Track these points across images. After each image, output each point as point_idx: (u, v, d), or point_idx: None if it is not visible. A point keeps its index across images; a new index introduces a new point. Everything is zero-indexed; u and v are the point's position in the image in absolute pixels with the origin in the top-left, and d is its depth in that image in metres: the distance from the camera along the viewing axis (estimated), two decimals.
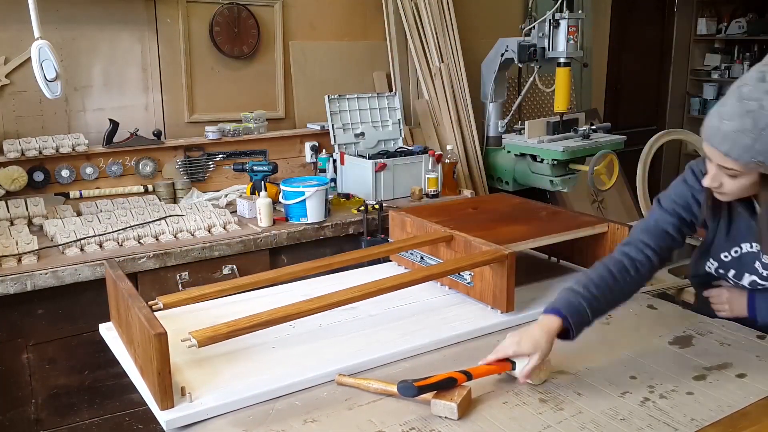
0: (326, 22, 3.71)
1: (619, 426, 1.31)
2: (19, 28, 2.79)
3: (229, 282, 1.77)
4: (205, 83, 3.39)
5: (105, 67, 3.14)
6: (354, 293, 1.61)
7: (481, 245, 1.82)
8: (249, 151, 3.39)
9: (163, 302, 1.65)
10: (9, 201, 2.76)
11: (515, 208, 2.31)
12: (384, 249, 2.03)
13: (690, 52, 6.27)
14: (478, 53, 3.92)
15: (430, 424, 1.32)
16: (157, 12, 3.20)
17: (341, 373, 1.49)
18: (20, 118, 2.97)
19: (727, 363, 1.56)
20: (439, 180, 3.28)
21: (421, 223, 2.06)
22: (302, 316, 1.54)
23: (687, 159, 6.33)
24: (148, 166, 3.13)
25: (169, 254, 2.50)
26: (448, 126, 3.70)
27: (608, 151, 3.40)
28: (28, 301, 2.32)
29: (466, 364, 1.56)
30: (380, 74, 3.85)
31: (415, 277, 1.74)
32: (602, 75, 5.23)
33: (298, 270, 1.85)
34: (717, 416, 1.34)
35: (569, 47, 3.42)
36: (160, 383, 1.34)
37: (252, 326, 1.46)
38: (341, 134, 3.39)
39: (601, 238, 2.06)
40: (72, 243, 2.45)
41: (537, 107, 4.48)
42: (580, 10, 4.05)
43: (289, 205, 2.83)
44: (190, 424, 1.35)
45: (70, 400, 2.45)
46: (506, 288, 1.76)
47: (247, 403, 1.40)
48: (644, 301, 1.93)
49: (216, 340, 1.42)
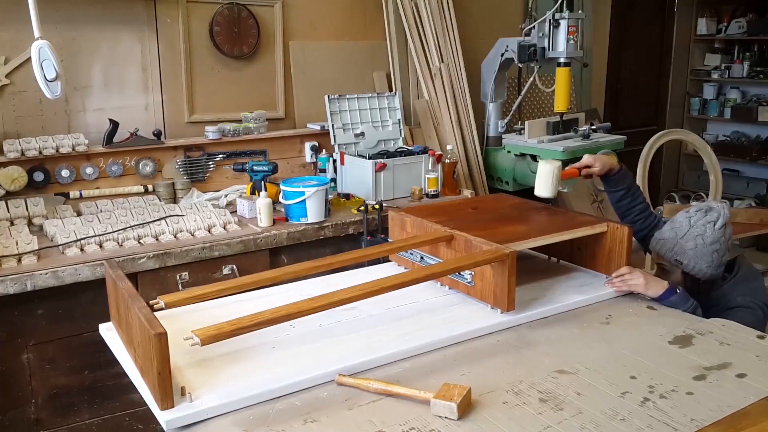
0: (326, 22, 3.71)
1: (619, 426, 1.31)
2: (19, 28, 2.79)
3: (230, 281, 1.78)
4: (205, 83, 3.39)
5: (105, 67, 3.14)
6: (355, 292, 1.61)
7: (482, 245, 1.82)
8: (249, 151, 3.38)
9: (165, 301, 1.65)
10: (9, 201, 2.76)
11: (515, 208, 2.31)
12: (384, 249, 2.02)
13: (690, 52, 6.27)
14: (478, 53, 3.92)
15: (430, 424, 1.32)
16: (157, 12, 3.20)
17: (341, 373, 1.49)
18: (20, 118, 2.97)
19: (727, 363, 1.56)
20: (439, 180, 3.28)
21: (421, 223, 2.06)
22: (304, 315, 1.54)
23: (687, 159, 6.34)
24: (148, 166, 3.13)
25: (169, 254, 2.50)
26: (448, 126, 3.70)
27: (608, 151, 3.40)
28: (28, 301, 2.32)
29: (467, 364, 1.57)
30: (380, 74, 3.85)
31: (416, 276, 1.74)
32: (602, 75, 5.23)
33: (298, 270, 1.85)
34: (717, 416, 1.34)
35: (569, 47, 3.42)
36: (160, 383, 1.34)
37: (255, 324, 1.46)
38: (341, 134, 3.39)
39: (601, 238, 2.06)
40: (72, 243, 2.45)
41: (537, 107, 4.48)
42: (580, 10, 4.05)
43: (289, 205, 2.83)
44: (190, 424, 1.35)
45: (70, 400, 2.45)
46: (507, 287, 1.76)
47: (247, 403, 1.40)
48: (643, 302, 1.94)
49: (219, 339, 1.42)
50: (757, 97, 6.19)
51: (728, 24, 6.13)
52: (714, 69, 6.24)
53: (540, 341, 1.70)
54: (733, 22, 6.09)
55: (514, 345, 1.68)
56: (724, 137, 6.31)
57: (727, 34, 6.14)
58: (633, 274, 1.95)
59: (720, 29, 6.20)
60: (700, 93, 6.36)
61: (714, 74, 6.23)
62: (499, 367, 1.56)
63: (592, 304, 1.92)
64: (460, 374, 1.52)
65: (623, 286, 1.95)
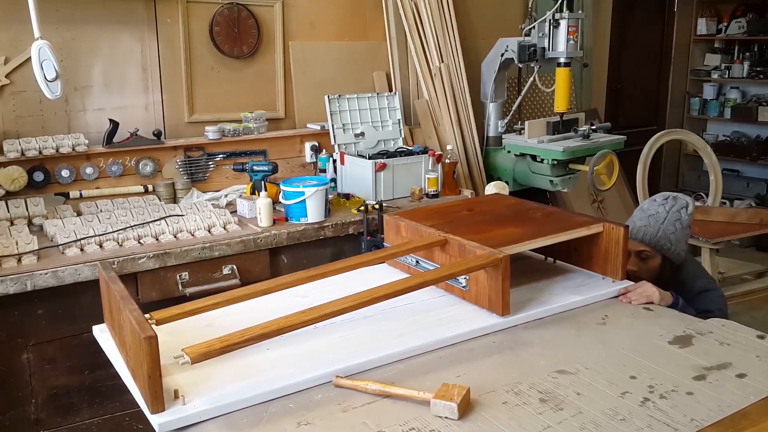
0: (326, 22, 3.71)
1: (619, 426, 1.31)
2: (19, 28, 2.79)
3: (223, 295, 1.74)
4: (205, 83, 3.39)
5: (105, 67, 3.14)
6: (347, 303, 1.60)
7: (476, 249, 1.81)
8: (249, 151, 3.38)
9: (157, 318, 1.60)
10: (9, 201, 2.76)
11: (510, 209, 2.30)
12: (379, 255, 2.03)
13: (690, 52, 6.28)
14: (478, 53, 3.92)
15: (430, 424, 1.32)
16: (157, 12, 3.20)
17: (338, 375, 1.49)
18: (20, 118, 2.97)
19: (727, 363, 1.56)
20: (439, 180, 3.28)
21: (416, 227, 2.05)
22: (295, 329, 1.54)
23: (687, 159, 6.34)
24: (148, 166, 3.13)
25: (169, 254, 2.50)
26: (448, 126, 3.69)
27: (608, 151, 3.40)
28: (28, 301, 2.32)
29: (462, 366, 1.57)
30: (380, 74, 3.85)
31: (410, 284, 1.74)
32: (602, 75, 5.22)
33: (292, 280, 1.83)
34: (717, 416, 1.34)
35: (569, 47, 3.42)
36: (150, 386, 1.33)
37: (245, 341, 1.45)
38: (341, 134, 3.39)
39: (597, 238, 2.05)
40: (72, 243, 2.45)
41: (537, 107, 4.48)
42: (580, 10, 4.04)
43: (289, 205, 2.83)
44: (183, 428, 1.35)
45: (70, 400, 2.45)
46: (501, 291, 1.75)
47: (240, 406, 1.40)
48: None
49: (209, 356, 1.41)
50: (757, 97, 6.19)
51: (728, 24, 6.13)
52: (714, 69, 6.24)
53: (536, 342, 1.69)
54: (733, 22, 6.10)
55: (510, 346, 1.68)
56: (724, 137, 6.31)
57: (727, 34, 6.15)
58: (643, 286, 1.95)
59: (720, 29, 6.21)
60: (700, 93, 6.36)
61: (714, 74, 6.23)
62: (496, 368, 1.56)
63: (589, 305, 1.92)
64: (456, 375, 1.52)
65: (641, 299, 1.93)
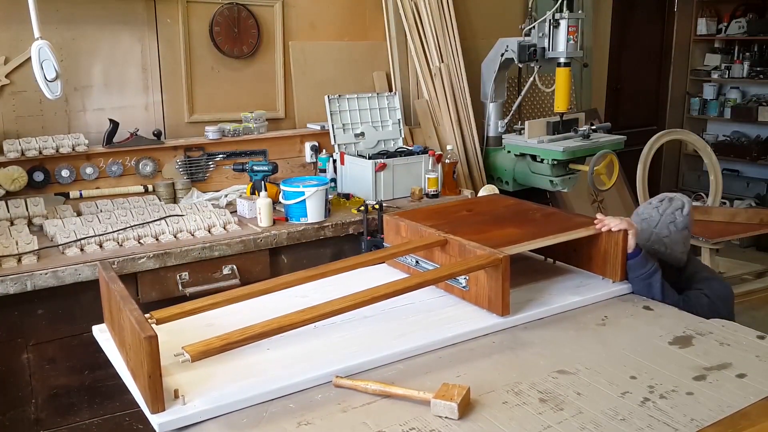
0: (326, 22, 3.71)
1: (619, 426, 1.31)
2: (19, 28, 2.79)
3: (223, 294, 1.75)
4: (205, 83, 3.39)
5: (105, 67, 3.14)
6: (347, 303, 1.60)
7: (476, 249, 1.81)
8: (249, 151, 3.38)
9: (157, 317, 1.61)
10: (9, 201, 2.76)
11: (509, 210, 2.30)
12: (379, 255, 2.03)
13: (690, 52, 6.27)
14: (478, 53, 3.92)
15: (430, 424, 1.32)
16: (157, 12, 3.20)
17: (338, 375, 1.49)
18: (20, 118, 2.97)
19: (727, 363, 1.56)
20: (439, 180, 3.28)
21: (416, 228, 2.05)
22: (295, 328, 1.55)
23: (687, 159, 6.34)
24: (148, 166, 3.13)
25: (169, 254, 2.50)
26: (448, 126, 3.69)
27: (608, 151, 3.40)
28: (28, 301, 2.32)
29: (462, 366, 1.57)
30: (380, 74, 3.85)
31: (409, 284, 1.74)
32: (602, 75, 5.22)
33: (292, 280, 1.83)
34: (717, 416, 1.34)
35: (569, 47, 3.42)
36: (150, 386, 1.34)
37: (245, 339, 1.46)
38: (341, 134, 3.39)
39: (597, 238, 2.05)
40: (72, 243, 2.45)
41: (537, 107, 4.48)
42: (580, 10, 4.04)
43: (289, 205, 2.83)
44: (183, 428, 1.35)
45: (70, 400, 2.45)
46: (501, 291, 1.76)
47: (240, 406, 1.40)
48: (639, 303, 1.94)
49: (209, 354, 1.42)
50: (757, 97, 6.19)
51: (728, 24, 6.13)
52: (714, 69, 6.24)
53: (536, 342, 1.70)
54: (733, 22, 6.09)
55: (510, 346, 1.68)
56: (724, 137, 6.31)
57: (727, 34, 6.14)
58: (615, 219, 2.01)
59: (720, 29, 6.20)
60: (700, 93, 6.36)
61: (714, 74, 6.22)
62: (496, 368, 1.56)
63: (589, 305, 1.92)
64: (456, 375, 1.52)
65: (622, 224, 1.99)
